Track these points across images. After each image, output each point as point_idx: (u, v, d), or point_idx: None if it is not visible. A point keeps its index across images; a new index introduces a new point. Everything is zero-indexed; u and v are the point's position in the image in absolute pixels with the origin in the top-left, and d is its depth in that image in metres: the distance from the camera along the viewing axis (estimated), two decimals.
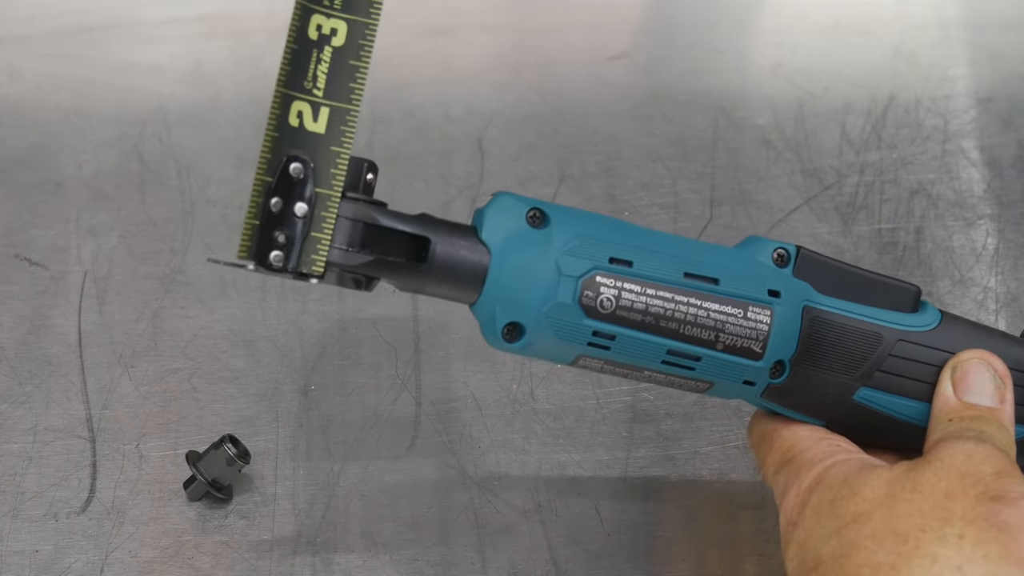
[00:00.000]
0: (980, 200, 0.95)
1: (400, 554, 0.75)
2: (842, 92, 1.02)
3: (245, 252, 0.59)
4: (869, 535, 0.58)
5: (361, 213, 0.59)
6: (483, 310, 0.61)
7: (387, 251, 0.60)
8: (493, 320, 0.61)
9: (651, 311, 0.61)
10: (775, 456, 0.66)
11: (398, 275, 0.60)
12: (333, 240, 0.59)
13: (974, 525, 0.56)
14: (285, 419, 0.81)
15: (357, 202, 0.59)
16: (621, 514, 0.77)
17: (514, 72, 1.04)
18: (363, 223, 0.59)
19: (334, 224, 0.59)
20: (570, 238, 0.61)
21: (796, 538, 0.61)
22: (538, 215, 0.61)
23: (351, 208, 0.59)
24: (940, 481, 0.59)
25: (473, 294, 0.61)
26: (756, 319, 0.63)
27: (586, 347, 0.62)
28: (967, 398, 0.64)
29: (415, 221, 0.61)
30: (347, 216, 0.59)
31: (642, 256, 0.62)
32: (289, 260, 0.58)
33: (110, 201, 0.93)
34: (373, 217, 0.59)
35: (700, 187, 0.95)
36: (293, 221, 0.58)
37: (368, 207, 0.59)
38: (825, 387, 0.65)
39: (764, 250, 0.65)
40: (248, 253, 0.59)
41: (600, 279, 0.61)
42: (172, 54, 1.04)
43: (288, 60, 0.59)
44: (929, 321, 0.66)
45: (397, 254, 0.60)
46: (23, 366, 0.83)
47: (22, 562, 0.74)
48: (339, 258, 0.59)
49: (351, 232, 0.59)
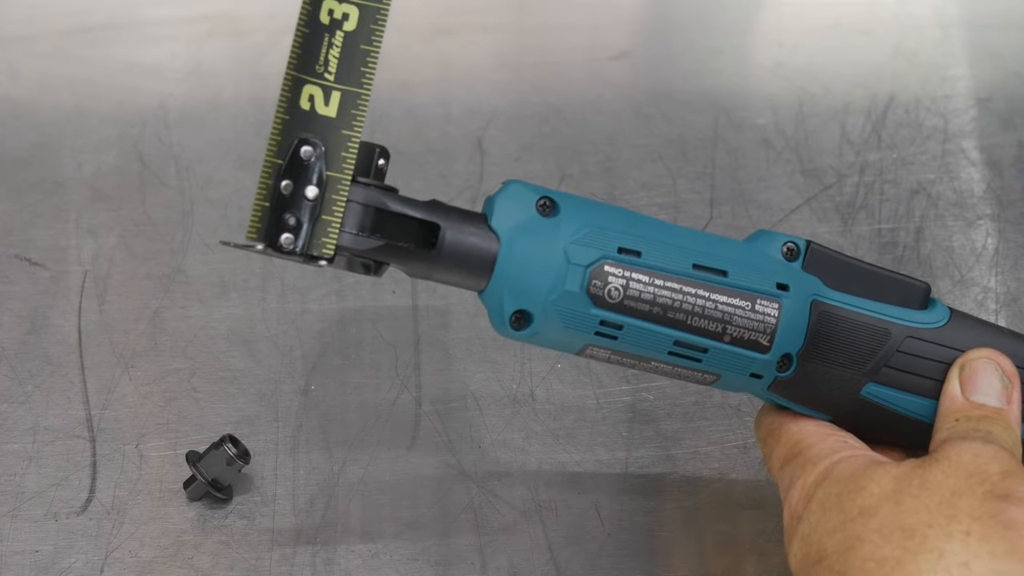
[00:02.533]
0: (980, 200, 0.95)
1: (400, 554, 0.75)
2: (842, 92, 1.02)
3: (255, 234, 0.59)
4: (875, 529, 0.58)
5: (372, 198, 0.59)
6: (491, 297, 0.61)
7: (397, 237, 0.60)
8: (501, 308, 0.61)
9: (659, 301, 0.62)
10: (781, 450, 0.66)
11: (407, 261, 0.60)
12: (343, 224, 0.59)
13: (981, 522, 0.57)
14: (285, 419, 0.81)
15: (368, 187, 0.59)
16: (621, 514, 0.77)
17: (514, 72, 1.04)
18: (374, 208, 0.59)
19: (344, 208, 0.59)
20: (579, 227, 0.61)
21: (800, 532, 0.62)
22: (548, 203, 0.62)
23: (362, 193, 0.59)
24: (947, 479, 0.59)
25: (482, 281, 0.61)
26: (764, 312, 0.63)
27: (593, 336, 0.62)
28: (974, 398, 0.64)
29: (425, 207, 0.61)
30: (358, 200, 0.59)
31: (651, 247, 0.62)
32: (299, 242, 0.58)
33: (110, 201, 0.93)
34: (383, 202, 0.59)
35: (700, 187, 0.95)
36: (303, 203, 0.58)
37: (379, 192, 0.60)
38: (832, 382, 0.65)
39: (774, 244, 0.65)
40: (258, 235, 0.59)
41: (608, 268, 0.61)
42: (172, 54, 1.04)
43: (299, 44, 0.59)
44: (938, 318, 0.66)
45: (407, 240, 0.60)
46: (23, 366, 0.83)
47: (22, 562, 0.74)
48: (349, 242, 0.59)
49: (362, 216, 0.59)
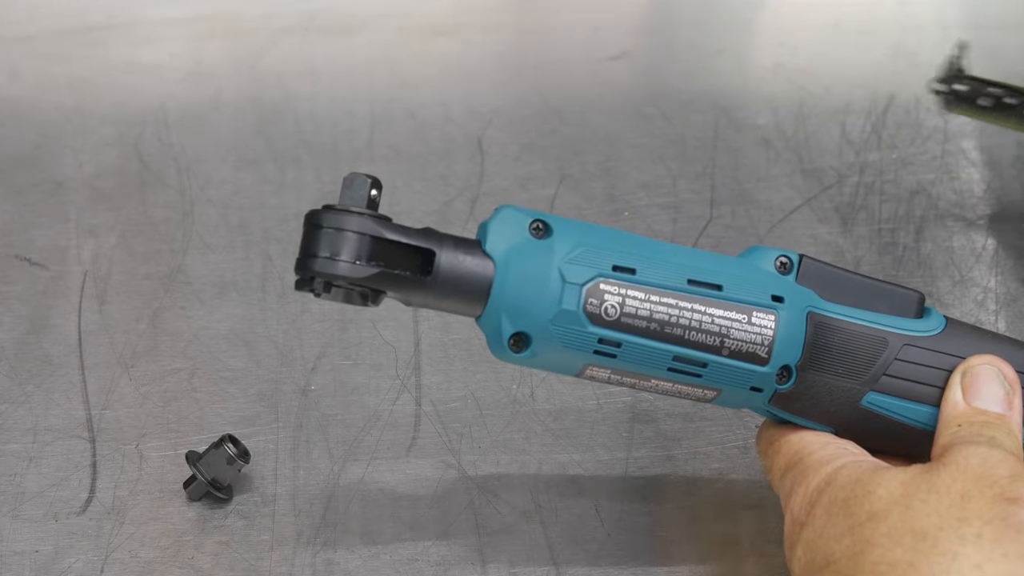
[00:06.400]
0: (980, 200, 0.95)
1: (400, 554, 0.75)
2: (842, 92, 1.02)
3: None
4: (885, 533, 0.58)
5: (366, 227, 0.60)
6: (489, 322, 0.62)
7: (393, 264, 0.60)
8: (499, 331, 0.61)
9: (656, 317, 0.62)
10: (782, 460, 0.66)
11: (404, 288, 0.61)
12: (339, 253, 0.59)
13: (992, 525, 0.57)
14: (285, 419, 0.81)
15: (362, 216, 0.60)
16: (621, 514, 0.77)
17: (514, 72, 1.04)
18: (369, 236, 0.60)
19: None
20: (572, 247, 0.61)
21: (804, 537, 0.61)
22: (541, 226, 0.62)
23: (356, 222, 0.60)
24: (956, 483, 0.59)
25: (479, 306, 0.61)
26: (761, 324, 0.63)
27: (592, 355, 0.62)
28: (977, 403, 0.64)
29: (420, 234, 0.61)
30: (353, 230, 0.59)
31: (645, 264, 0.62)
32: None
33: (110, 201, 0.93)
34: (378, 231, 0.60)
35: (700, 187, 0.95)
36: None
37: (373, 221, 0.60)
38: (833, 393, 0.65)
39: (767, 258, 0.65)
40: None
41: (604, 286, 0.61)
42: (172, 54, 1.04)
43: None
44: (934, 326, 0.66)
45: (403, 267, 0.60)
46: (23, 366, 0.83)
47: (22, 562, 0.74)
48: (346, 271, 0.59)
49: (358, 245, 0.59)
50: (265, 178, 0.95)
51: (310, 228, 0.60)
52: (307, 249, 0.60)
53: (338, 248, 0.59)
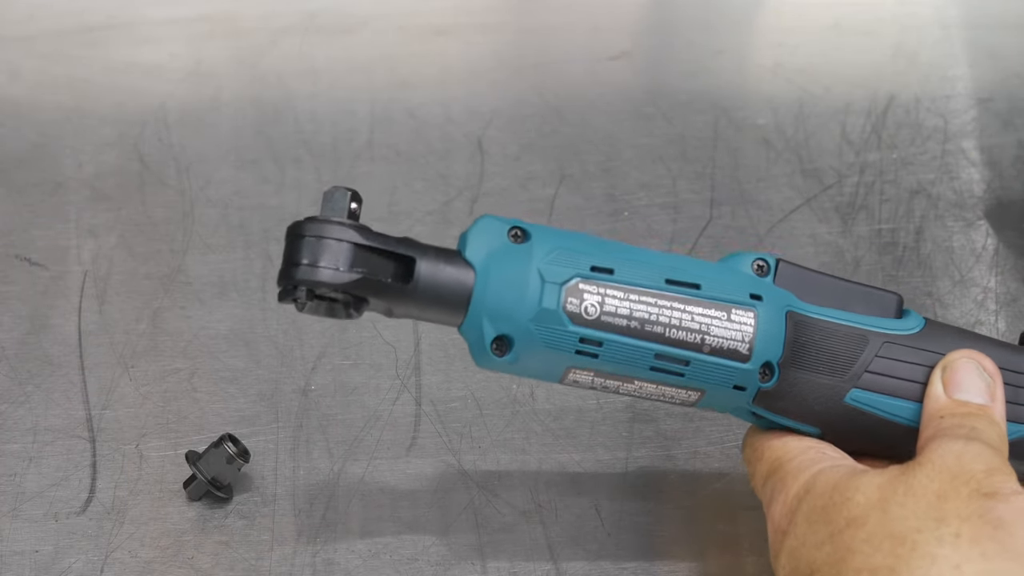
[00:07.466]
0: (980, 200, 0.95)
1: (400, 554, 0.75)
2: (842, 92, 1.02)
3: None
4: (864, 539, 0.58)
5: (347, 235, 0.60)
6: (471, 328, 0.62)
7: (374, 271, 0.61)
8: (481, 335, 0.62)
9: (636, 316, 0.62)
10: (763, 466, 0.66)
11: (386, 295, 0.61)
12: (321, 260, 0.60)
13: (970, 523, 0.57)
14: (285, 419, 0.81)
15: (343, 225, 0.61)
16: (621, 514, 0.77)
17: (514, 72, 1.04)
18: (349, 243, 0.60)
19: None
20: (550, 249, 0.62)
21: (787, 546, 0.61)
22: (520, 232, 0.63)
23: (337, 230, 0.60)
24: (932, 482, 0.59)
25: (460, 313, 0.62)
26: (740, 321, 0.64)
27: (574, 356, 0.62)
28: (958, 395, 0.64)
29: (400, 242, 0.62)
30: (334, 237, 0.60)
31: (622, 265, 0.63)
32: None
33: (110, 201, 0.93)
34: (358, 238, 0.61)
35: (700, 187, 0.95)
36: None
37: (353, 229, 0.61)
38: (816, 390, 0.65)
39: (744, 261, 0.67)
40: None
41: (583, 286, 0.62)
42: (172, 54, 1.04)
43: None
44: (913, 326, 0.67)
45: (384, 274, 0.61)
46: (23, 366, 0.83)
47: (22, 562, 0.74)
48: (329, 277, 0.60)
49: (338, 253, 0.60)
50: (265, 178, 0.95)
51: (292, 239, 0.61)
52: (289, 259, 0.60)
53: (319, 256, 0.60)
